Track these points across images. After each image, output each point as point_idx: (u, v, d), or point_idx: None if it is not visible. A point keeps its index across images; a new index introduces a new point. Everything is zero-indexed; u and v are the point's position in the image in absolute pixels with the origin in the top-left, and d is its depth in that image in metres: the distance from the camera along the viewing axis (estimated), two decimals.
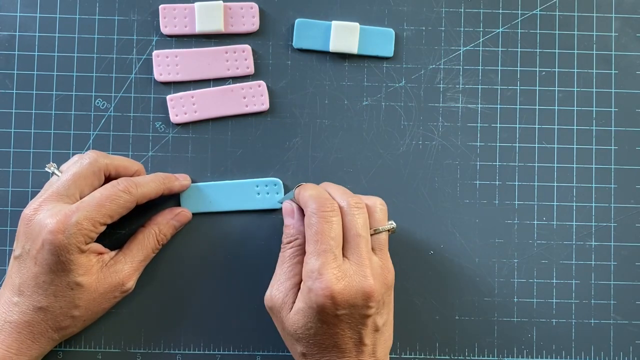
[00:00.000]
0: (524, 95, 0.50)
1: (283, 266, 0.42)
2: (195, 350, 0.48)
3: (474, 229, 0.49)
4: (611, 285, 0.49)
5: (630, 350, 0.49)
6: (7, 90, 0.49)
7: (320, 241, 0.40)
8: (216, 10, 0.48)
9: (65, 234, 0.40)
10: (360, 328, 0.40)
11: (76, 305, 0.42)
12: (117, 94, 0.49)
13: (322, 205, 0.41)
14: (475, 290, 0.49)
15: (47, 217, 0.41)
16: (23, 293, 0.42)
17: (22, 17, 0.49)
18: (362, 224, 0.41)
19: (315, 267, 0.39)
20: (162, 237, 0.46)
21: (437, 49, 0.50)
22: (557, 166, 0.49)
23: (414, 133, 0.49)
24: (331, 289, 0.38)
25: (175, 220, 0.47)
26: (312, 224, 0.40)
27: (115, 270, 0.44)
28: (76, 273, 0.41)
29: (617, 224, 0.49)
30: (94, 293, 0.43)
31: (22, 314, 0.41)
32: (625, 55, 0.50)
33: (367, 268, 0.40)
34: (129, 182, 0.43)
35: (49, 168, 0.44)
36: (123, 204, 0.42)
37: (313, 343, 0.40)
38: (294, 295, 0.41)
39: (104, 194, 0.42)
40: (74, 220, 0.40)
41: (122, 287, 0.44)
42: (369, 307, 0.39)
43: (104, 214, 0.42)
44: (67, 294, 0.42)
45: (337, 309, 0.39)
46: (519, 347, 0.49)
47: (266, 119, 0.49)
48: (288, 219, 0.44)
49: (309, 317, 0.39)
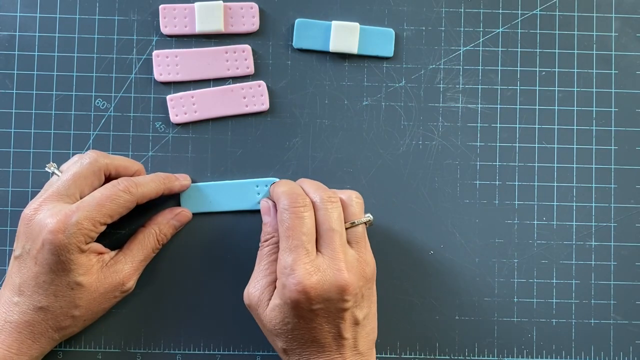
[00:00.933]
0: (524, 95, 0.50)
1: (260, 264, 0.43)
2: (195, 350, 0.48)
3: (474, 229, 0.49)
4: (611, 285, 0.49)
5: (630, 350, 0.49)
6: (7, 90, 0.49)
7: (292, 237, 0.40)
8: (216, 10, 0.48)
9: (66, 233, 0.40)
10: (339, 322, 0.40)
11: (76, 305, 0.42)
12: (117, 94, 0.49)
13: (294, 201, 0.41)
14: (475, 290, 0.49)
15: (47, 217, 0.41)
16: (23, 293, 0.42)
17: (22, 17, 0.49)
18: (335, 217, 0.41)
19: (287, 263, 0.40)
20: (162, 236, 0.46)
21: (437, 49, 0.50)
22: (557, 166, 0.49)
23: (414, 133, 0.49)
24: (303, 284, 0.39)
25: (175, 220, 0.47)
26: (284, 219, 0.41)
27: (115, 270, 0.44)
28: (76, 273, 0.41)
29: (617, 224, 0.49)
30: (94, 293, 0.43)
31: (22, 313, 0.41)
32: (625, 55, 0.50)
33: (341, 262, 0.40)
34: (129, 182, 0.43)
35: (49, 168, 0.44)
36: (123, 203, 0.42)
37: (292, 338, 0.41)
38: (270, 293, 0.41)
39: (104, 194, 0.42)
40: (74, 220, 0.40)
41: (123, 287, 0.44)
42: (344, 300, 0.40)
43: (104, 213, 0.42)
44: (68, 293, 0.42)
45: (311, 304, 0.39)
46: (519, 347, 0.49)
47: (266, 119, 0.49)
48: (265, 217, 0.44)
49: (285, 312, 0.40)
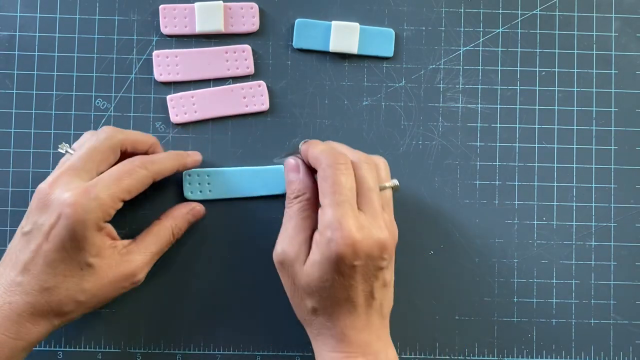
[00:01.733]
0: (524, 95, 0.50)
1: (291, 221, 0.42)
2: (195, 350, 0.48)
3: (474, 229, 0.49)
4: (611, 285, 0.49)
5: (630, 350, 0.49)
6: (7, 90, 0.49)
7: (338, 192, 0.39)
8: (216, 10, 0.48)
9: (85, 207, 0.39)
10: (373, 281, 0.40)
11: (83, 289, 0.41)
12: (117, 94, 0.49)
13: (336, 158, 0.40)
14: (475, 290, 0.49)
15: (64, 191, 0.39)
16: (29, 272, 0.40)
17: (22, 17, 0.49)
18: (372, 178, 0.41)
19: (334, 218, 0.39)
20: (177, 230, 0.46)
21: (437, 49, 0.50)
22: (557, 166, 0.49)
23: (414, 133, 0.49)
24: (352, 237, 0.38)
25: (190, 215, 0.47)
26: (328, 176, 0.40)
27: (128, 260, 0.43)
28: (89, 253, 0.40)
29: (617, 224, 0.49)
30: (104, 279, 0.41)
31: (25, 294, 0.39)
32: (625, 55, 0.50)
33: (381, 220, 0.40)
34: (145, 158, 0.43)
35: (61, 148, 0.43)
36: (141, 179, 0.42)
37: (327, 296, 0.40)
38: (307, 249, 0.41)
39: (122, 170, 0.41)
40: (94, 195, 0.39)
41: (133, 277, 0.43)
42: (383, 258, 0.40)
43: (123, 188, 0.41)
44: (77, 274, 0.40)
45: (355, 259, 0.39)
46: (519, 347, 0.49)
47: (266, 119, 0.49)
48: (293, 175, 0.43)
49: (326, 268, 0.39)
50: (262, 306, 0.48)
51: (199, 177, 0.48)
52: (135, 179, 0.42)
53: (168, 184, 0.48)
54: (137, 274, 0.43)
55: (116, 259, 0.42)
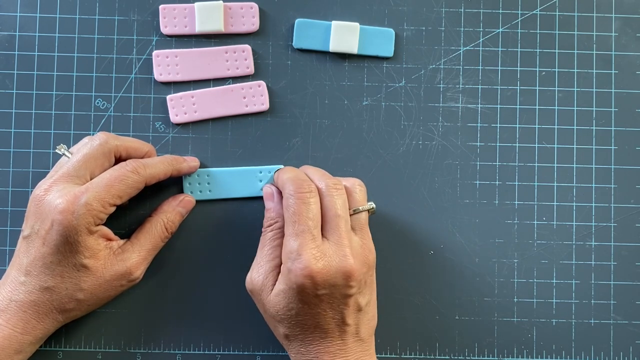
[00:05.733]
0: (524, 95, 0.50)
1: (263, 249, 0.43)
2: (195, 350, 0.48)
3: (474, 229, 0.49)
4: (611, 285, 0.49)
5: (630, 351, 0.49)
6: (7, 90, 0.49)
7: (298, 222, 0.40)
8: (216, 10, 0.48)
9: (75, 214, 0.40)
10: (342, 308, 0.40)
11: (81, 288, 0.42)
12: (117, 94, 0.49)
13: (300, 186, 0.41)
14: (475, 290, 0.49)
15: (57, 197, 0.41)
16: (30, 273, 0.42)
17: (22, 17, 0.49)
18: (341, 204, 0.41)
19: (294, 248, 0.40)
20: (170, 224, 0.46)
21: (437, 49, 0.50)
22: (557, 166, 0.49)
23: (414, 133, 0.49)
24: (310, 268, 0.39)
25: (180, 207, 0.47)
26: (290, 205, 0.41)
27: (123, 258, 0.43)
28: (83, 255, 0.41)
29: (617, 224, 0.49)
30: (100, 279, 0.43)
31: (28, 293, 0.41)
32: (625, 55, 0.50)
33: (346, 247, 0.40)
34: (138, 163, 0.43)
35: (59, 150, 0.44)
36: (132, 184, 0.42)
37: (295, 324, 0.41)
38: (274, 278, 0.41)
39: (113, 175, 0.42)
40: (83, 201, 0.40)
41: (130, 276, 0.44)
42: (349, 286, 0.40)
43: (113, 194, 0.42)
44: (74, 275, 0.42)
45: (317, 289, 0.39)
46: (519, 347, 0.49)
47: (266, 119, 0.49)
48: (268, 203, 0.44)
49: (290, 298, 0.40)
50: None
51: (199, 177, 0.48)
52: (126, 184, 0.42)
53: (168, 183, 0.48)
54: (133, 272, 0.44)
55: (111, 259, 0.43)
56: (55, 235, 0.41)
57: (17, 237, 0.48)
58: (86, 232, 0.41)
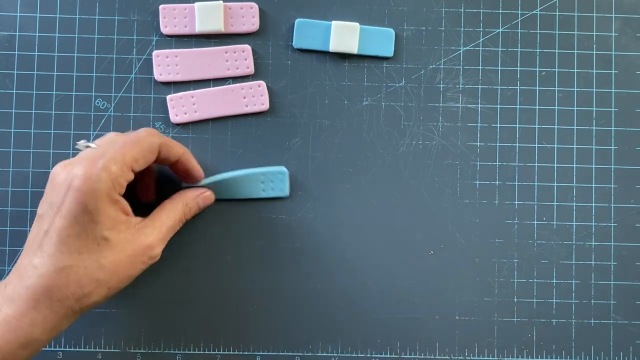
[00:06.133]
0: (524, 95, 0.50)
1: None
2: (195, 350, 0.48)
3: (474, 229, 0.49)
4: (611, 285, 0.49)
5: (630, 351, 0.49)
6: (7, 90, 0.49)
7: None
8: (216, 10, 0.48)
9: (94, 178, 0.38)
10: None
11: (102, 265, 0.39)
12: (117, 94, 0.49)
13: None
14: (475, 290, 0.49)
15: (74, 166, 0.38)
16: (44, 252, 0.38)
17: (22, 17, 0.49)
18: None
19: None
20: (188, 210, 0.45)
21: (437, 49, 0.50)
22: (557, 166, 0.49)
23: (414, 133, 0.49)
24: None
25: (200, 199, 0.46)
26: None
27: (144, 233, 0.41)
28: (104, 226, 0.38)
29: (617, 224, 0.49)
30: (121, 253, 0.40)
31: (41, 277, 0.37)
32: (625, 55, 0.50)
33: None
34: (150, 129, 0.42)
35: (80, 145, 0.41)
36: (147, 146, 0.41)
37: None
38: None
39: (127, 138, 0.41)
40: (101, 165, 0.38)
41: (151, 251, 0.41)
42: None
43: (131, 156, 0.40)
44: (94, 249, 0.38)
45: None
46: (519, 347, 0.49)
47: (266, 119, 0.49)
48: None
49: None
50: (262, 306, 0.48)
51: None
52: (141, 146, 0.40)
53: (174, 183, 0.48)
54: (154, 247, 0.42)
55: (132, 233, 0.41)
56: (73, 204, 0.37)
57: (17, 238, 0.48)
58: (107, 199, 0.38)
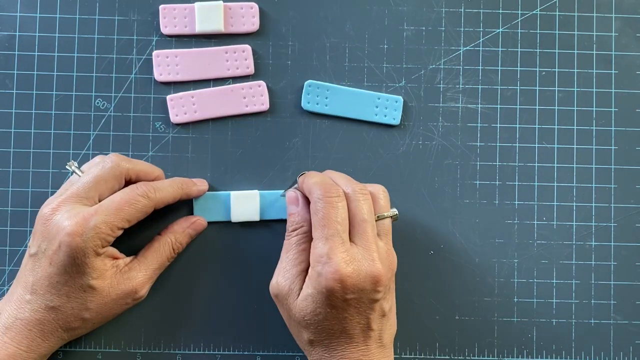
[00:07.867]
0: (524, 95, 0.50)
1: (289, 254, 0.42)
2: (195, 350, 0.48)
3: (474, 229, 0.49)
4: (611, 285, 0.49)
5: (630, 350, 0.49)
6: (7, 90, 0.49)
7: (327, 226, 0.40)
8: (216, 10, 0.48)
9: (83, 237, 0.40)
10: (369, 313, 0.40)
11: (87, 307, 0.42)
12: (117, 94, 0.49)
13: (328, 191, 0.41)
14: (475, 290, 0.49)
15: (65, 218, 0.41)
16: (36, 292, 0.41)
17: (22, 17, 0.49)
18: (367, 209, 0.41)
19: (323, 252, 0.39)
20: (178, 245, 0.46)
21: (437, 49, 0.50)
22: (557, 166, 0.49)
23: (414, 133, 0.49)
24: (340, 272, 0.39)
25: (191, 229, 0.47)
26: (319, 209, 0.40)
27: (129, 277, 0.43)
28: (90, 276, 0.41)
29: (617, 224, 0.49)
30: (106, 298, 0.43)
31: (33, 311, 0.41)
32: (625, 55, 0.50)
33: (374, 252, 0.40)
34: (148, 186, 0.43)
35: (69, 166, 0.44)
36: (141, 208, 0.42)
37: (321, 329, 0.40)
38: (300, 282, 0.41)
39: (123, 198, 0.42)
40: (92, 224, 0.40)
41: (135, 294, 0.44)
42: (377, 291, 0.40)
43: (122, 218, 0.42)
44: (80, 295, 0.42)
45: (346, 293, 0.39)
46: (519, 347, 0.49)
47: (266, 119, 0.49)
48: (292, 207, 0.43)
49: (318, 302, 0.39)
50: (262, 306, 0.48)
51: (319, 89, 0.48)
52: (135, 208, 0.42)
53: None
54: (139, 291, 0.44)
55: (117, 278, 0.43)
56: (62, 257, 0.40)
57: (17, 238, 0.48)
58: (94, 254, 0.41)
